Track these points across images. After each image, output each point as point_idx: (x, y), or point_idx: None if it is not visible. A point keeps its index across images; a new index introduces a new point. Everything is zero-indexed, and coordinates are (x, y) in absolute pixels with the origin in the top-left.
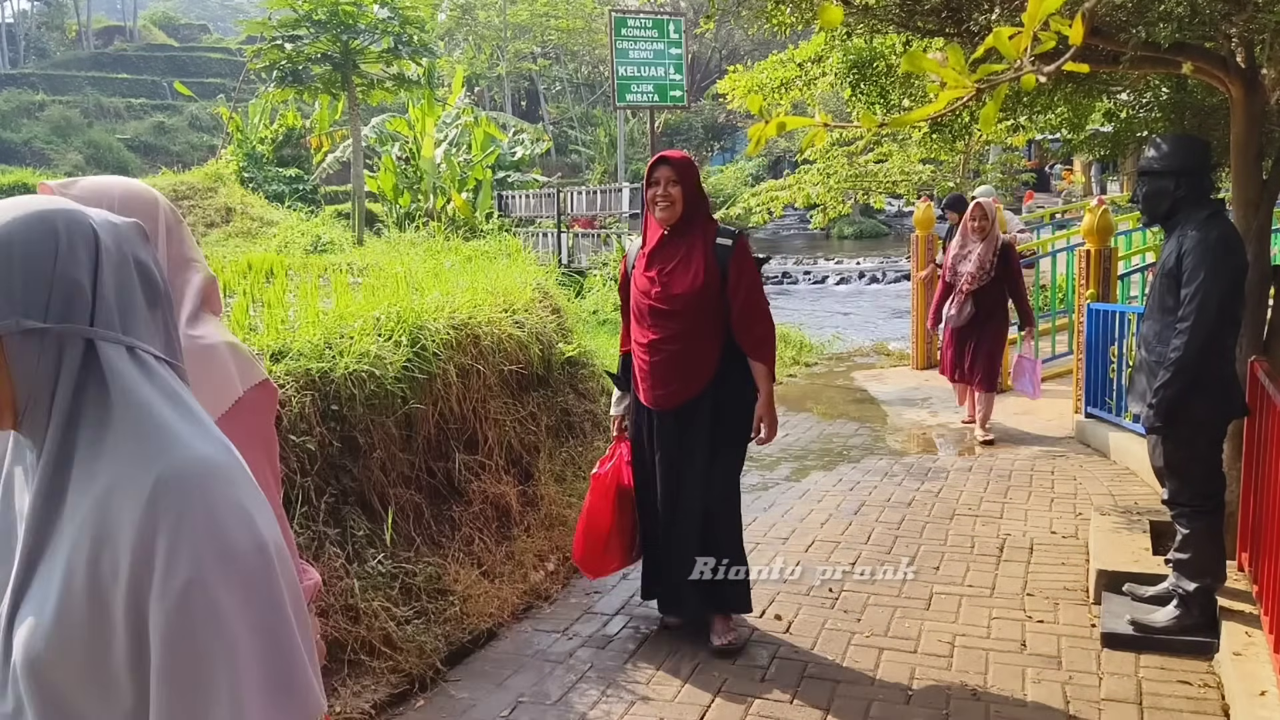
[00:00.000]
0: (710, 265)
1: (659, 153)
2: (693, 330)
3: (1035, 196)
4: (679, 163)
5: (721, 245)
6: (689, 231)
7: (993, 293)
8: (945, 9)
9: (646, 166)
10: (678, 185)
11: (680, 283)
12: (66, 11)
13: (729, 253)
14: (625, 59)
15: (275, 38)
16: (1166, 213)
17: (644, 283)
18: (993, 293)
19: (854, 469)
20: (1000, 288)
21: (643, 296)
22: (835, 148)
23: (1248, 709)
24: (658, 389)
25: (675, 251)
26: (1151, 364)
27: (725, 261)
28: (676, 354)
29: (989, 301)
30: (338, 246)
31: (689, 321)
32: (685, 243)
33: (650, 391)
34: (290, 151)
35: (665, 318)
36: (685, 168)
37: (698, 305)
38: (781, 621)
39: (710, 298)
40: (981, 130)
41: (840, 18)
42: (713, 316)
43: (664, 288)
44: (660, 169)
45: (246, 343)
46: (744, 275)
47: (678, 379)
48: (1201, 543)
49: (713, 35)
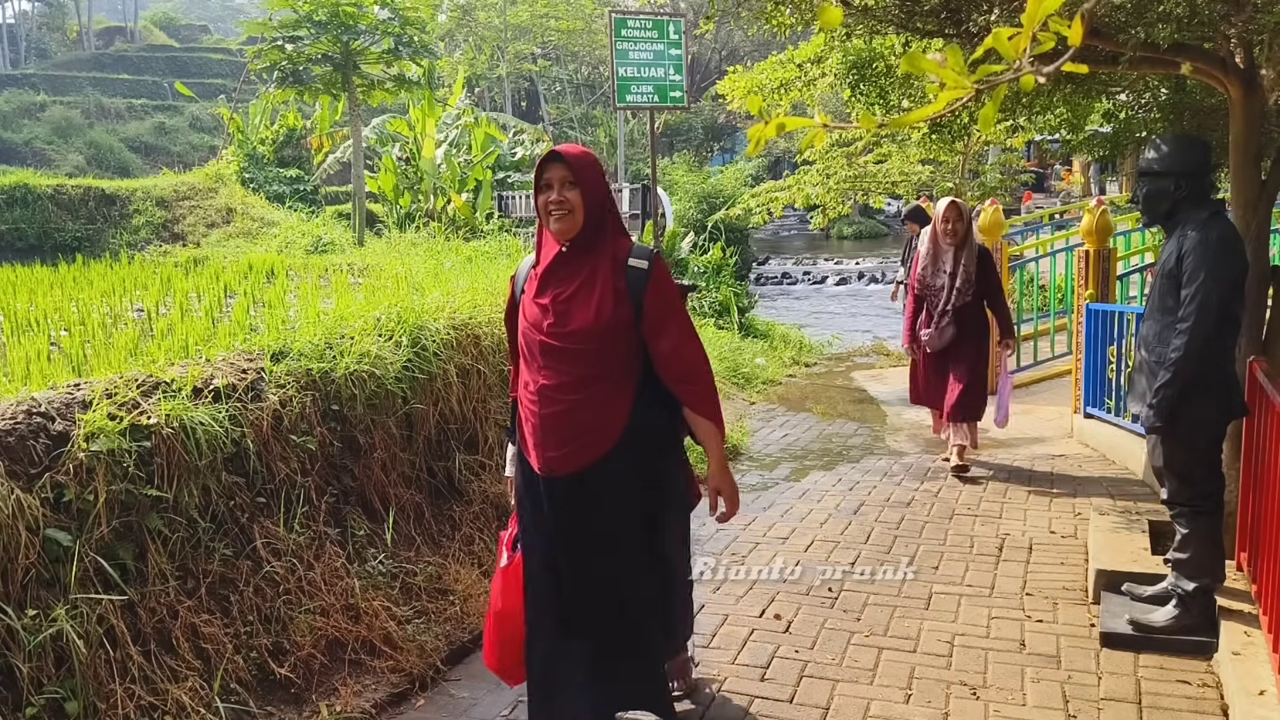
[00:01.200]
0: (619, 293)
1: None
2: (596, 374)
3: (1034, 197)
4: (577, 160)
5: (635, 269)
6: (593, 249)
7: (973, 308)
8: (944, 10)
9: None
10: (576, 188)
11: (580, 314)
12: (67, 12)
13: (644, 278)
14: (625, 60)
15: (276, 38)
16: (1166, 213)
17: (534, 312)
18: (973, 308)
19: (853, 469)
20: (979, 301)
21: (532, 329)
22: (835, 148)
23: (1247, 708)
24: (550, 450)
25: (574, 274)
26: (1151, 364)
27: (639, 289)
28: (575, 405)
29: (970, 318)
30: (338, 247)
31: (591, 363)
32: (588, 263)
33: (541, 453)
34: (291, 152)
35: (560, 358)
36: (585, 166)
37: (602, 343)
38: (781, 621)
39: (619, 334)
40: (980, 131)
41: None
42: (623, 357)
43: (559, 319)
44: (552, 168)
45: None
46: (666, 307)
47: (576, 437)
48: (1201, 542)
49: (712, 36)
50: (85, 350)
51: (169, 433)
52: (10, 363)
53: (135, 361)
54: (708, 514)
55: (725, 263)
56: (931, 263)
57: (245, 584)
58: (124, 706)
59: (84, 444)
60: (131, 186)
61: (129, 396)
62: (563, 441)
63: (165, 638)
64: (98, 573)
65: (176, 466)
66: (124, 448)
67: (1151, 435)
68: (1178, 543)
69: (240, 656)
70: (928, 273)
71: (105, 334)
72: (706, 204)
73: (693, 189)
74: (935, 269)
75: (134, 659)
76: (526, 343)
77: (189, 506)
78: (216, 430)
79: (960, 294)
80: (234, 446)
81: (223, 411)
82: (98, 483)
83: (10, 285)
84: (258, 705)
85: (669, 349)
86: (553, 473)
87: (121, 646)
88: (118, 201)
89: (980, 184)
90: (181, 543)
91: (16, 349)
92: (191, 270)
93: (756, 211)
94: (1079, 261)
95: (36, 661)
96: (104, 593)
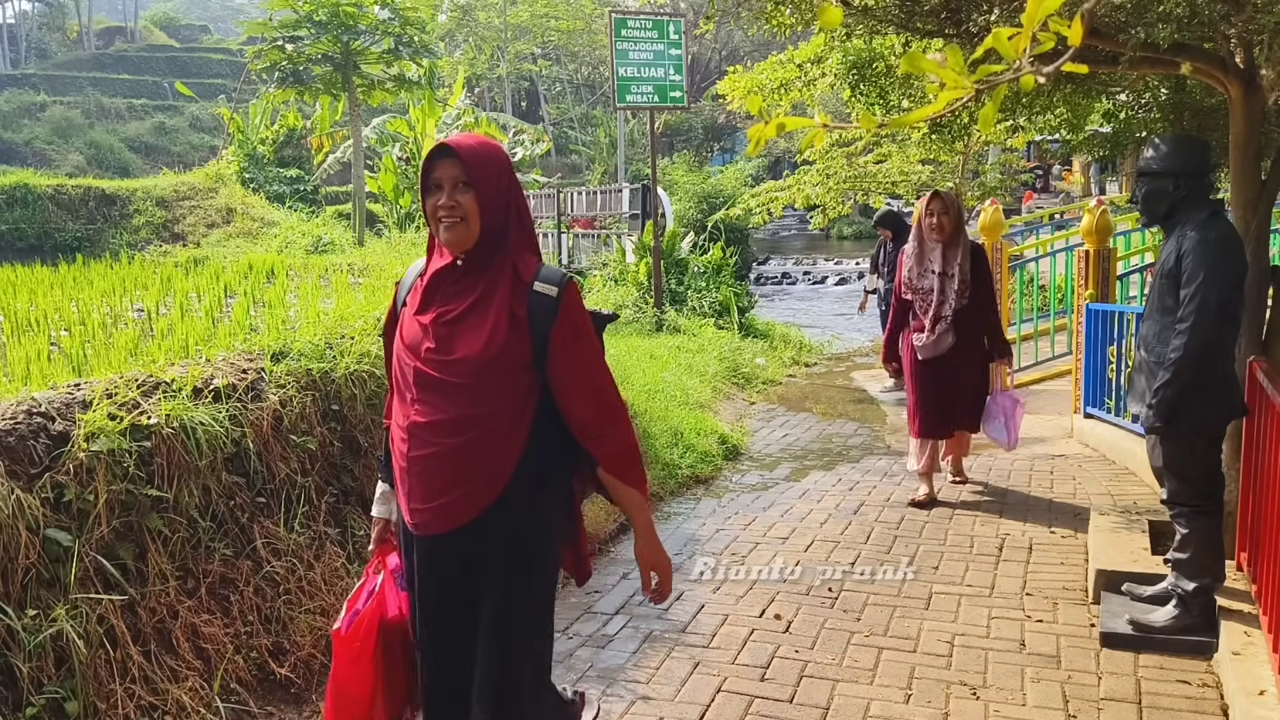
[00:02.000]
0: (517, 321)
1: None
2: (479, 415)
3: (1034, 197)
4: (473, 155)
5: (540, 295)
6: (492, 264)
7: (972, 311)
8: (944, 10)
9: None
10: (470, 191)
11: (468, 341)
12: (68, 12)
13: (551, 308)
14: (625, 60)
15: (276, 38)
16: (1166, 213)
17: (413, 332)
18: (972, 311)
19: (853, 469)
20: (975, 304)
21: (408, 353)
22: (834, 148)
23: (1246, 708)
24: (416, 501)
25: (466, 291)
26: (1151, 364)
27: (544, 320)
28: (451, 451)
29: (969, 323)
30: (338, 247)
31: (474, 401)
32: (484, 280)
33: (408, 503)
34: (291, 152)
35: (438, 392)
36: (483, 162)
37: (490, 378)
38: (781, 621)
39: (511, 370)
40: (980, 131)
41: (840, 19)
42: (514, 398)
43: (440, 345)
44: (441, 164)
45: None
46: (576, 344)
47: (449, 489)
48: (1200, 542)
49: (712, 36)
50: (85, 350)
51: (169, 433)
52: (10, 363)
53: (135, 361)
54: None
55: (725, 263)
56: (917, 262)
57: (245, 584)
58: (124, 706)
59: (84, 444)
60: (131, 186)
61: (129, 396)
62: (433, 493)
63: (165, 638)
64: (98, 573)
65: (177, 466)
66: (124, 448)
67: (1151, 435)
68: (1177, 543)
69: (240, 656)
70: (914, 274)
71: (105, 334)
72: (706, 204)
73: (693, 189)
74: (922, 269)
75: (134, 659)
76: (400, 368)
77: (189, 506)
78: (216, 430)
79: (958, 296)
80: (234, 446)
81: (223, 411)
82: (98, 483)
83: (10, 285)
84: (258, 705)
85: (578, 395)
86: (419, 529)
87: (121, 646)
88: (118, 201)
89: (980, 184)
90: (182, 543)
91: (16, 349)
92: (191, 270)
93: (756, 211)
94: (1079, 261)
95: (36, 661)
96: (104, 593)
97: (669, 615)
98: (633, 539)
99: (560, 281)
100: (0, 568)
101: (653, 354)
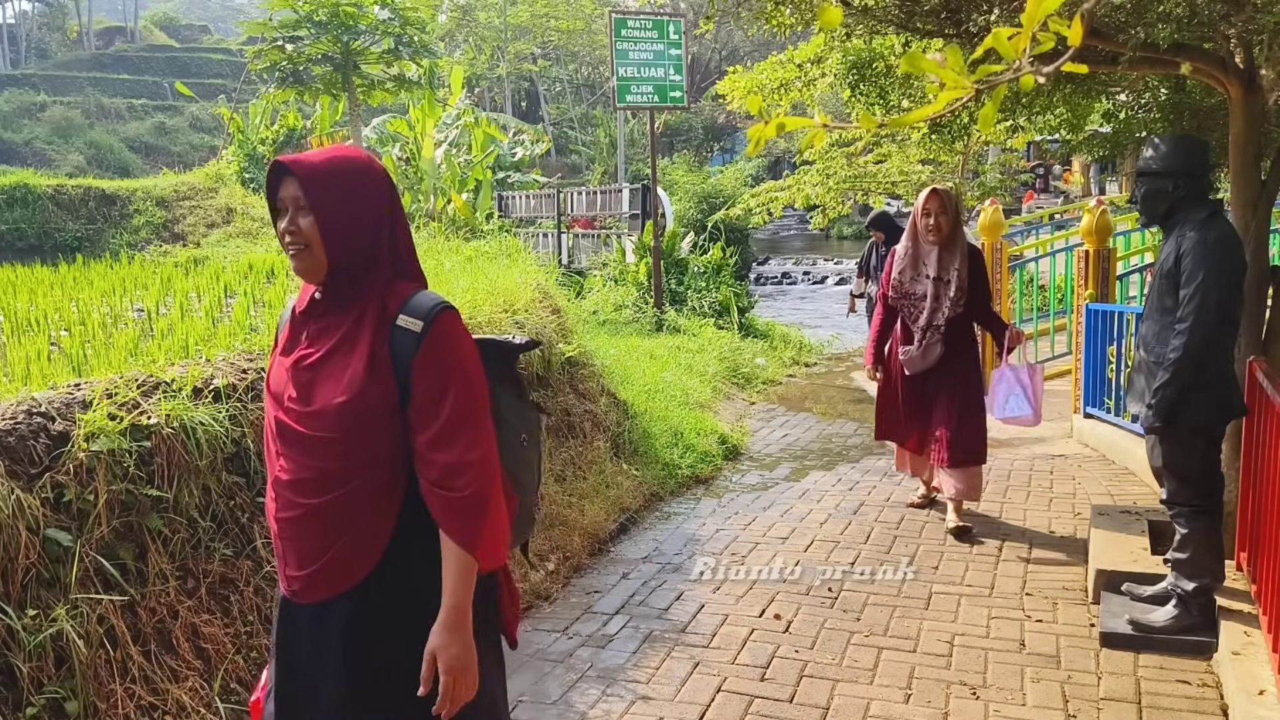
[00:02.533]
0: (379, 363)
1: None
2: (345, 472)
3: (1035, 197)
4: (312, 174)
5: (403, 330)
6: (356, 297)
7: (964, 320)
8: (944, 10)
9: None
10: (310, 215)
11: (326, 389)
12: (68, 12)
13: (414, 343)
14: (625, 60)
15: (276, 39)
16: (1165, 213)
17: (279, 377)
18: (964, 320)
19: (853, 469)
20: (969, 312)
21: (272, 402)
22: (834, 148)
23: (1246, 708)
24: (290, 566)
25: (331, 329)
26: (1150, 364)
27: (407, 357)
28: (316, 512)
29: (960, 333)
30: None
31: (338, 456)
32: (349, 318)
33: (281, 567)
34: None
35: (300, 446)
36: (324, 183)
37: (354, 430)
38: (781, 621)
39: (377, 419)
40: (980, 131)
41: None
42: (384, 451)
43: (302, 393)
44: (283, 184)
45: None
46: (441, 384)
47: (318, 555)
48: (1200, 542)
49: (712, 36)
50: (85, 350)
51: (169, 433)
52: (10, 363)
53: (135, 361)
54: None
55: (725, 263)
56: (910, 265)
57: (245, 584)
58: (124, 706)
59: (84, 444)
60: (131, 186)
61: (129, 396)
62: (304, 559)
63: (165, 638)
64: (98, 572)
65: (177, 466)
66: (124, 448)
67: (1151, 435)
68: (1177, 543)
69: (240, 656)
70: (905, 276)
71: (105, 334)
72: (706, 204)
73: (693, 189)
74: (915, 273)
75: (134, 659)
76: (268, 417)
77: (189, 506)
78: (217, 430)
79: (954, 304)
80: (234, 446)
81: (223, 411)
82: (98, 483)
83: (10, 285)
84: None
85: (430, 439)
86: (295, 597)
87: (122, 646)
88: (118, 201)
89: (980, 184)
90: (182, 543)
91: (17, 349)
92: (191, 270)
93: (756, 211)
94: (1079, 261)
95: (37, 661)
96: (104, 593)
97: (669, 615)
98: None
99: (427, 315)
100: (0, 568)
101: (653, 354)
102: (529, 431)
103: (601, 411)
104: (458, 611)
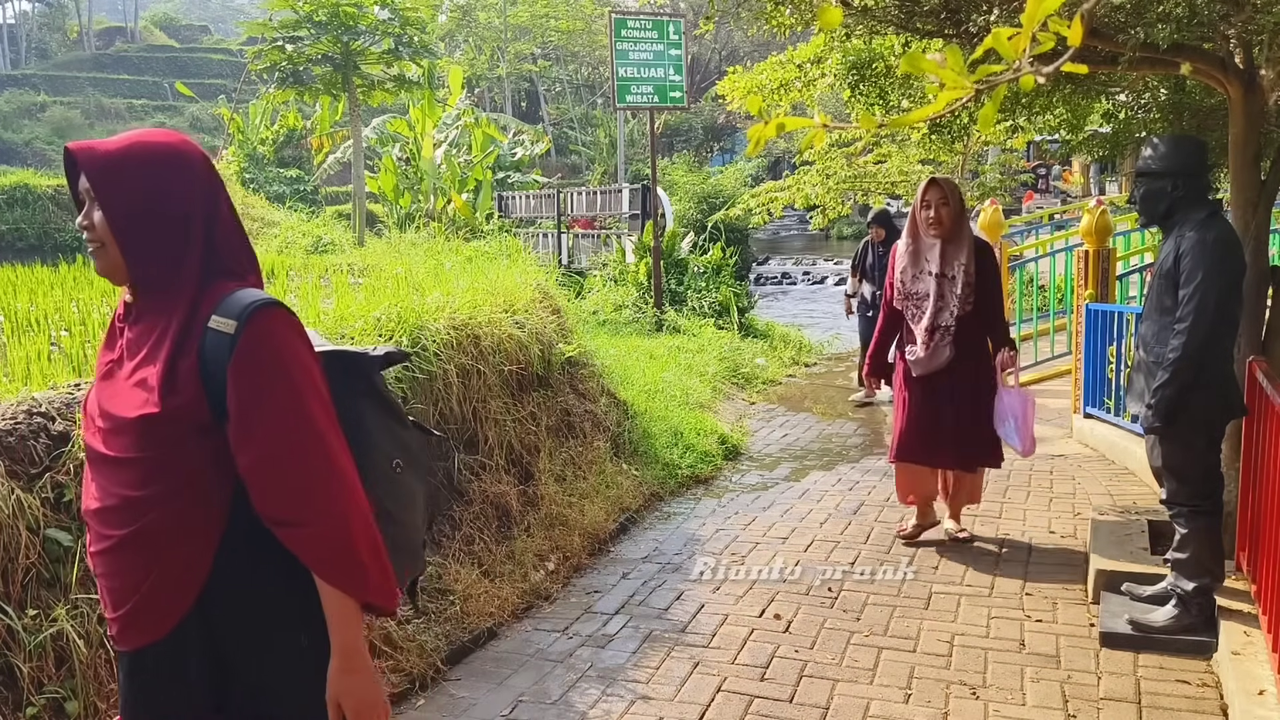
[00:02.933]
0: (182, 372)
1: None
2: (152, 497)
3: (1035, 197)
4: (99, 163)
5: (215, 333)
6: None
7: (974, 319)
8: (944, 10)
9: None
10: (100, 209)
11: (125, 400)
12: (68, 12)
13: (227, 346)
14: (625, 60)
15: (276, 39)
16: (1164, 213)
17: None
18: (974, 319)
19: (853, 469)
20: (979, 312)
21: (86, 420)
22: (834, 149)
23: (1246, 708)
24: (110, 608)
25: (143, 338)
26: (1150, 364)
27: (220, 366)
28: (123, 545)
29: (970, 333)
30: (338, 247)
31: (140, 480)
32: (160, 323)
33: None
34: (291, 152)
35: (102, 470)
36: (113, 173)
37: (154, 450)
38: (781, 621)
39: (184, 434)
40: (980, 131)
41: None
42: (194, 475)
43: (105, 410)
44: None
45: None
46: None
47: (128, 595)
48: (1200, 542)
49: (712, 37)
50: (86, 350)
51: None
52: (10, 363)
53: None
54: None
55: (725, 263)
56: (911, 262)
57: None
58: None
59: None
60: None
61: None
62: (117, 599)
63: None
64: None
65: None
66: None
67: (1150, 435)
68: (1177, 543)
69: None
70: (906, 275)
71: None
72: (706, 204)
73: (693, 189)
74: (917, 270)
75: None
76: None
77: None
78: None
79: (961, 301)
80: None
81: None
82: None
83: (10, 285)
84: None
85: (252, 462)
86: (116, 643)
87: None
88: None
89: (980, 184)
90: None
91: (17, 349)
92: None
93: (756, 211)
94: (1079, 261)
95: (37, 661)
96: None
97: (669, 615)
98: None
99: (241, 314)
100: (0, 568)
101: (653, 354)
102: (406, 457)
103: (601, 411)
104: (347, 653)
